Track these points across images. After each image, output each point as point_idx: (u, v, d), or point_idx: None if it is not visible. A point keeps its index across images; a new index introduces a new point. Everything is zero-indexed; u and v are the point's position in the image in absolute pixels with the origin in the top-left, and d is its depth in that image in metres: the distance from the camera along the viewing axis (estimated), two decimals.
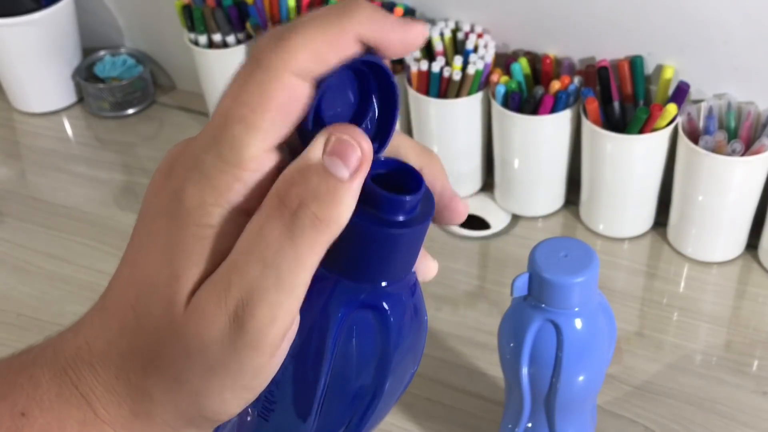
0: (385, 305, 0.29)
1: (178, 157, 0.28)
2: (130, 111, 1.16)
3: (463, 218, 0.32)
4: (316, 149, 0.27)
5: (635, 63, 0.84)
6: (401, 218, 0.28)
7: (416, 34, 0.28)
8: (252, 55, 0.27)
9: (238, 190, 0.27)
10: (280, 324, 0.26)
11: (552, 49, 0.89)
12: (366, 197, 0.27)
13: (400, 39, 0.28)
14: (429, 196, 0.30)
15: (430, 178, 0.30)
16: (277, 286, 0.26)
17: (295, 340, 0.28)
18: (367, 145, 0.27)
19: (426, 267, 0.32)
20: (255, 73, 0.26)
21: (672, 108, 0.79)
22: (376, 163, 0.28)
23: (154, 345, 0.27)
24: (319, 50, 0.26)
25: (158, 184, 0.28)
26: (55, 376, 0.29)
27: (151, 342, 0.27)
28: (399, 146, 0.31)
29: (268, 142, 0.27)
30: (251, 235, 0.27)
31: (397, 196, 0.27)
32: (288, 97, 0.27)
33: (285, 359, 0.28)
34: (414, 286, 0.31)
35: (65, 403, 0.28)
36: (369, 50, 0.28)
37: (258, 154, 0.27)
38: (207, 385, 0.27)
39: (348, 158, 0.27)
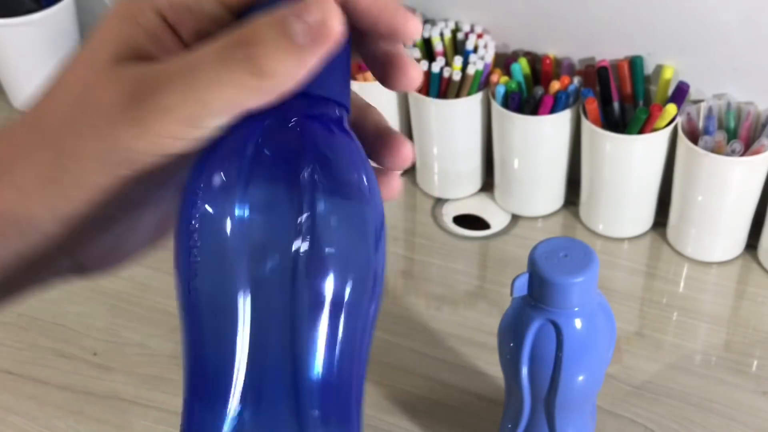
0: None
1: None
2: None
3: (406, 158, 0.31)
4: (288, 10, 0.26)
5: (635, 63, 0.84)
6: None
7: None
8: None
9: None
10: (166, 123, 0.26)
11: (552, 50, 0.89)
12: None
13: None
14: None
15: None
16: (187, 86, 0.26)
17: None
18: (337, 28, 0.26)
19: (388, 185, 0.31)
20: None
21: (671, 108, 0.79)
22: None
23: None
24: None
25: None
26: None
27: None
28: None
29: None
30: (193, 48, 0.27)
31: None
32: None
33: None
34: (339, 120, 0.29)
35: None
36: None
37: None
38: (75, 145, 0.27)
39: (315, 33, 0.25)
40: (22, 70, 1.14)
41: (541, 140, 0.87)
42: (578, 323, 0.56)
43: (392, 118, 0.95)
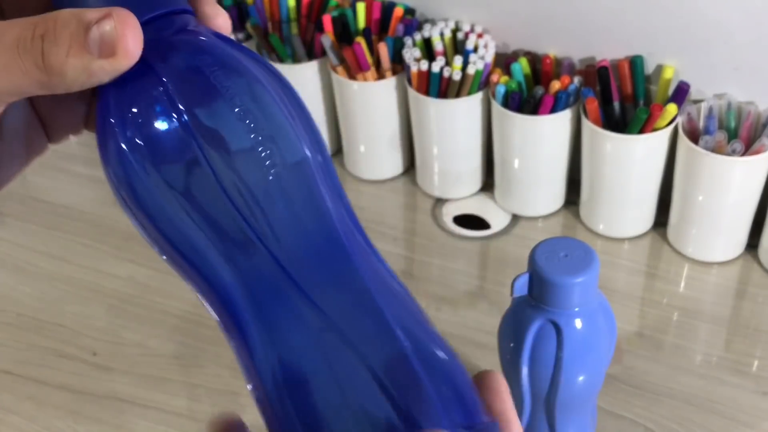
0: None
1: None
2: None
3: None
4: (94, 13, 0.25)
5: (635, 63, 0.84)
6: None
7: None
8: None
9: None
10: None
11: (552, 49, 0.89)
12: None
13: None
14: None
15: None
16: None
17: None
18: (132, 49, 0.25)
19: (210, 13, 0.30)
20: None
21: (672, 108, 0.79)
22: None
23: None
24: None
25: None
26: None
27: None
28: None
29: None
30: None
31: None
32: None
33: None
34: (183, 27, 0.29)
35: None
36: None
37: None
38: None
39: (108, 47, 0.25)
40: None
41: (541, 140, 0.87)
42: (578, 323, 0.56)
43: (392, 118, 0.95)
